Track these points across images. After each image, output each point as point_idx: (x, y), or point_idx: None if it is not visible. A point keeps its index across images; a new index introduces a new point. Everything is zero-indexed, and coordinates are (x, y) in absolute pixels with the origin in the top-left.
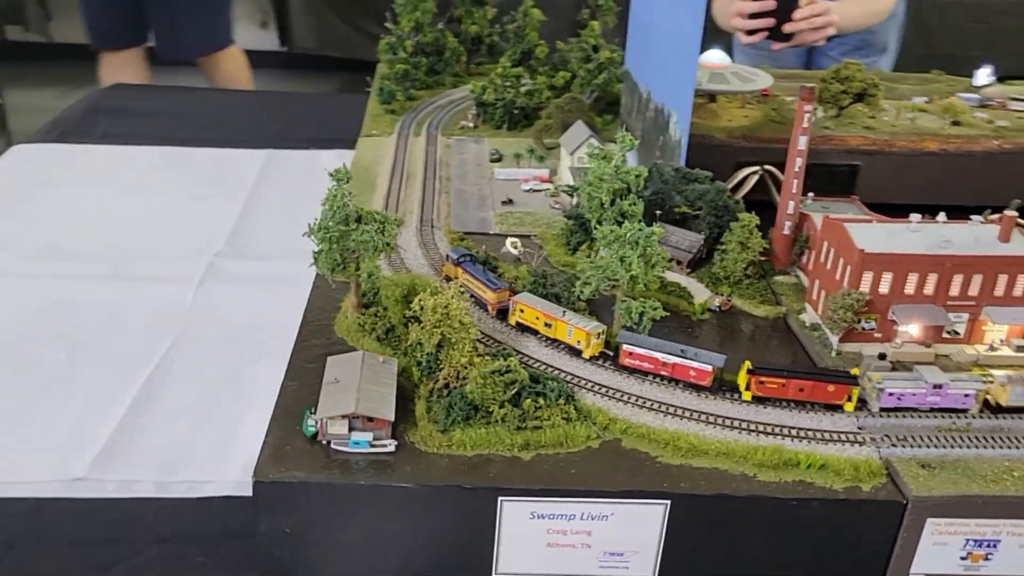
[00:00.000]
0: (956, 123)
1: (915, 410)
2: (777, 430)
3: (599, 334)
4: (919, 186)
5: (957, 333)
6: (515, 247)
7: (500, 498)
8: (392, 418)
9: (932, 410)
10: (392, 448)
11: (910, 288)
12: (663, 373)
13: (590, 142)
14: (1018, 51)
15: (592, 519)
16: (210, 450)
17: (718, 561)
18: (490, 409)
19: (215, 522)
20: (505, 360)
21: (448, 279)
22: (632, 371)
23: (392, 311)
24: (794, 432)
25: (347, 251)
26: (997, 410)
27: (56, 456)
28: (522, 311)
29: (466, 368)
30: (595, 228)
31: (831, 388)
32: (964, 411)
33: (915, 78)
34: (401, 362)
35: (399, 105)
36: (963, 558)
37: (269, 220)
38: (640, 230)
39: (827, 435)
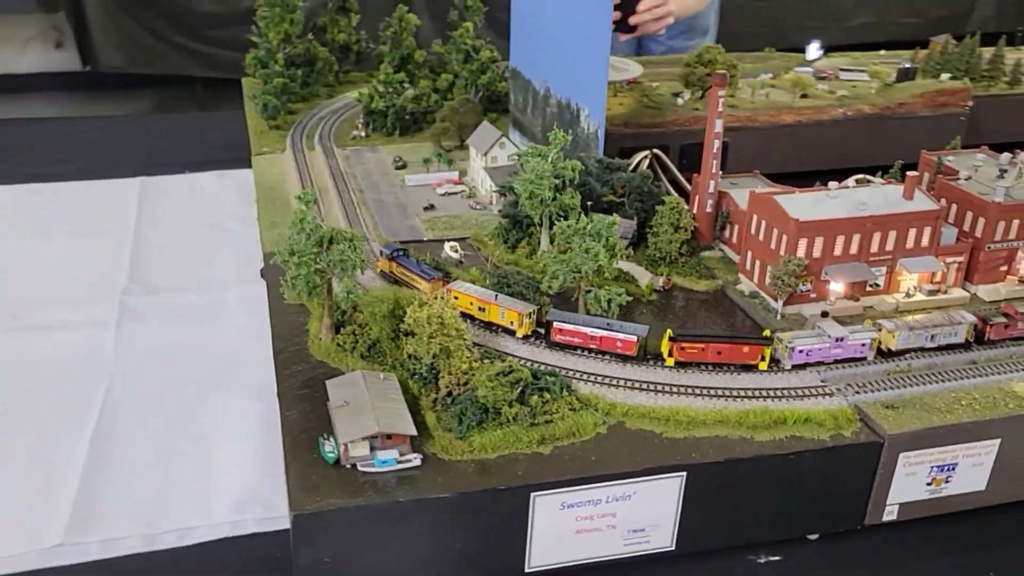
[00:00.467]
0: (804, 96)
1: (821, 363)
2: (755, 393)
3: (530, 314)
4: (781, 156)
5: (878, 285)
6: (455, 251)
7: (532, 494)
8: (414, 432)
9: (836, 361)
10: (418, 462)
11: (838, 250)
12: (592, 346)
13: (502, 141)
14: (800, 26)
15: (617, 500)
16: (189, 494)
17: (728, 523)
18: (500, 409)
19: (216, 568)
20: (503, 361)
21: (383, 273)
22: (563, 346)
23: (376, 327)
24: (769, 393)
25: (318, 273)
26: (889, 355)
27: (24, 526)
28: (457, 298)
29: (467, 374)
30: (538, 225)
31: (746, 349)
32: (863, 359)
33: (751, 56)
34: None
35: (282, 120)
36: (928, 484)
37: (165, 250)
38: (603, 221)
39: (799, 391)
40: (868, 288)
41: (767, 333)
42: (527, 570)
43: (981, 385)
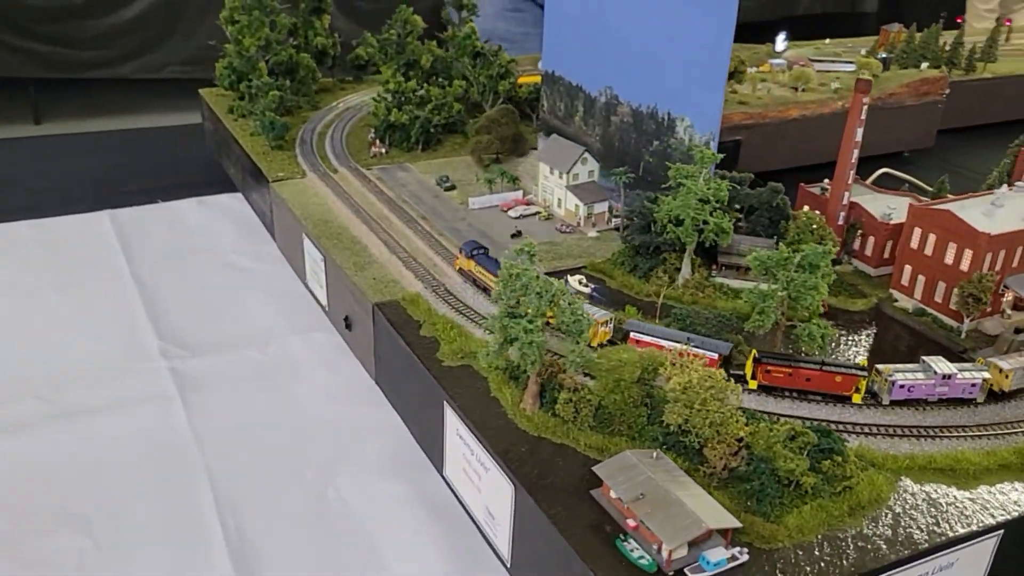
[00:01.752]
0: (804, 89)
1: (925, 401)
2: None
3: (606, 322)
4: (787, 151)
5: None
6: (583, 284)
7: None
8: (739, 524)
9: (940, 401)
10: (747, 557)
11: (1014, 262)
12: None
13: (584, 157)
14: None
15: (940, 571)
16: None
17: None
18: (800, 481)
19: None
20: (777, 422)
21: (461, 271)
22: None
23: (607, 393)
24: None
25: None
26: (1000, 396)
27: None
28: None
29: (740, 442)
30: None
31: (839, 379)
32: (972, 400)
33: None
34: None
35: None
36: None
37: (182, 298)
38: (816, 251)
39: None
40: None
41: (863, 363)
42: None
43: None
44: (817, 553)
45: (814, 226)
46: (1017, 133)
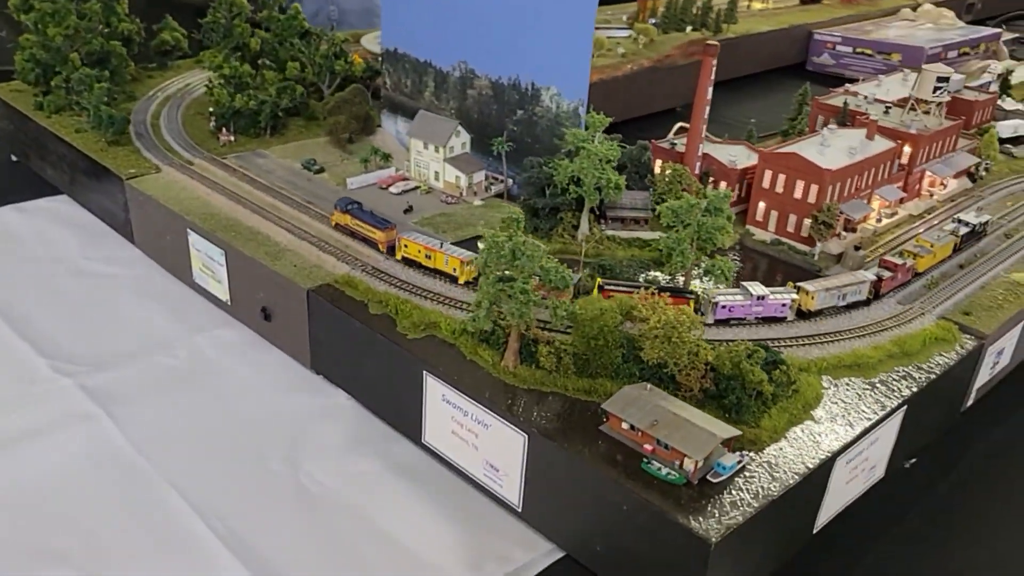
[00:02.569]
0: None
1: (742, 320)
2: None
3: (471, 261)
4: (633, 102)
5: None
6: None
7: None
8: (739, 432)
9: (757, 319)
10: (749, 458)
11: (846, 191)
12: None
13: (457, 130)
14: None
15: (871, 445)
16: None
17: None
18: (761, 390)
19: None
20: (733, 343)
21: (337, 226)
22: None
23: (590, 339)
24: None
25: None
26: (808, 315)
27: None
28: (406, 246)
29: (706, 366)
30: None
31: (671, 301)
32: (783, 319)
33: None
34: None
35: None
36: (991, 368)
37: (48, 311)
38: (718, 195)
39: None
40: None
41: (694, 286)
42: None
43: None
44: (793, 446)
45: (681, 177)
46: (756, 85)
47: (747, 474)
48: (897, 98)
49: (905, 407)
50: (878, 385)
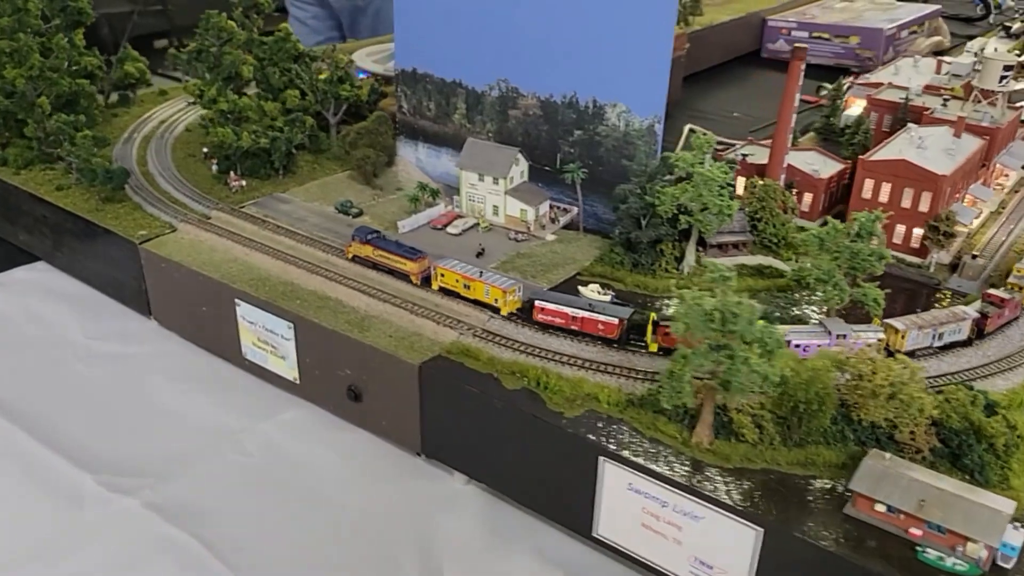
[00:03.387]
0: None
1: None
2: None
3: (514, 291)
4: None
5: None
6: (600, 292)
7: None
8: (1015, 502)
9: None
10: None
11: (951, 196)
12: (573, 327)
13: (516, 158)
14: None
15: None
16: None
17: None
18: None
19: None
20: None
21: (356, 258)
22: (544, 326)
23: (807, 402)
24: None
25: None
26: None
27: None
28: (443, 275)
29: (929, 420)
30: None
31: None
32: None
33: None
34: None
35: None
36: None
37: (66, 410)
38: (867, 217)
39: None
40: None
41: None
42: None
43: None
44: None
45: (773, 192)
46: (720, 76)
47: None
48: (923, 84)
49: None
50: None
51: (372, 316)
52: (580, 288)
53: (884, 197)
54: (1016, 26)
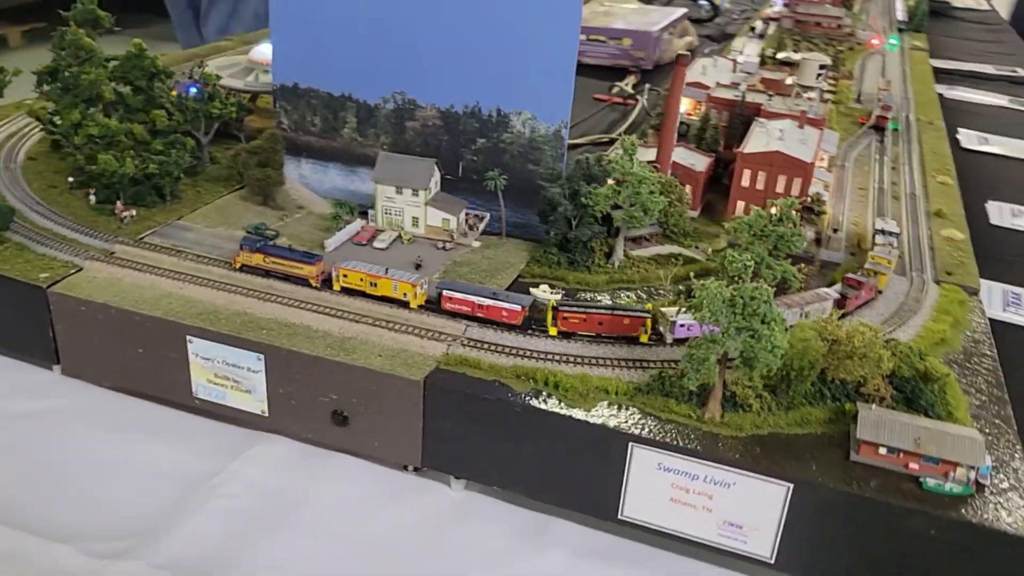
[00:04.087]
0: None
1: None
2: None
3: (423, 284)
4: None
5: None
6: (550, 291)
7: None
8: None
9: None
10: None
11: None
12: (479, 315)
13: (432, 167)
14: None
15: None
16: None
17: None
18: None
19: None
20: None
21: (245, 268)
22: (452, 314)
23: (798, 372)
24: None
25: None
26: None
27: None
28: (346, 276)
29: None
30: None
31: (627, 321)
32: None
33: None
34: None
35: None
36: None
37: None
38: (786, 203)
39: None
40: None
41: (649, 306)
42: None
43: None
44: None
45: (672, 187)
46: None
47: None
48: (728, 81)
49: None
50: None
51: (350, 337)
52: (531, 289)
53: (760, 185)
54: (759, 26)
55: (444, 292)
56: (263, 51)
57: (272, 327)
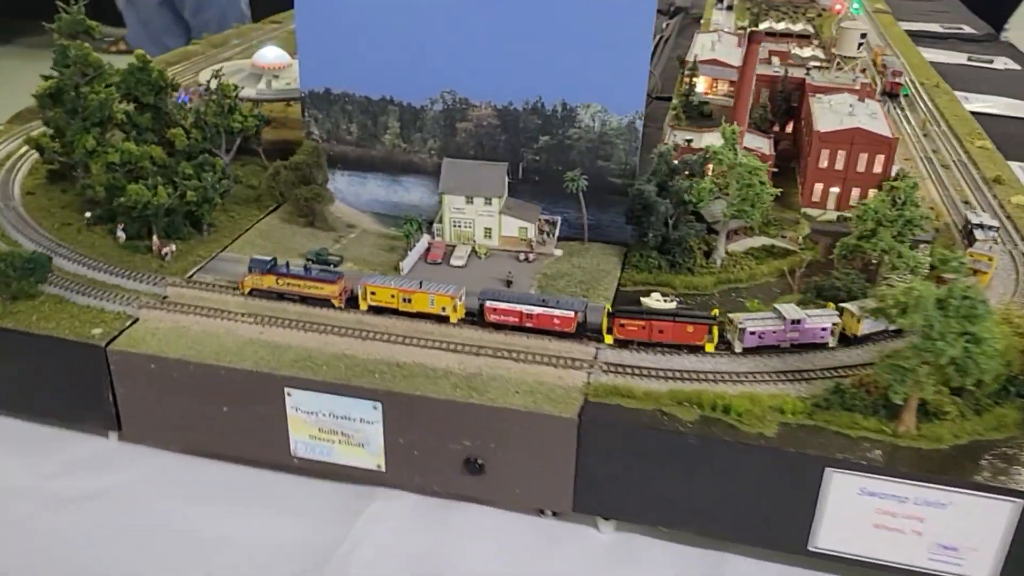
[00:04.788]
0: None
1: (776, 348)
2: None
3: (461, 296)
4: None
5: None
6: (664, 300)
7: None
8: None
9: (793, 346)
10: None
11: None
12: (528, 324)
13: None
14: None
15: None
16: None
17: None
18: None
19: None
20: None
21: (255, 292)
22: (497, 326)
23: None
24: None
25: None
26: (852, 341)
27: None
28: (374, 293)
29: None
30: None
31: (690, 329)
32: (824, 344)
33: None
34: None
35: None
36: None
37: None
38: (908, 185)
39: None
40: None
41: (715, 312)
42: None
43: None
44: None
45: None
46: None
47: None
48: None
49: None
50: None
51: (474, 373)
52: (643, 299)
53: (839, 165)
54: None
55: (487, 303)
56: (268, 55)
57: (382, 369)
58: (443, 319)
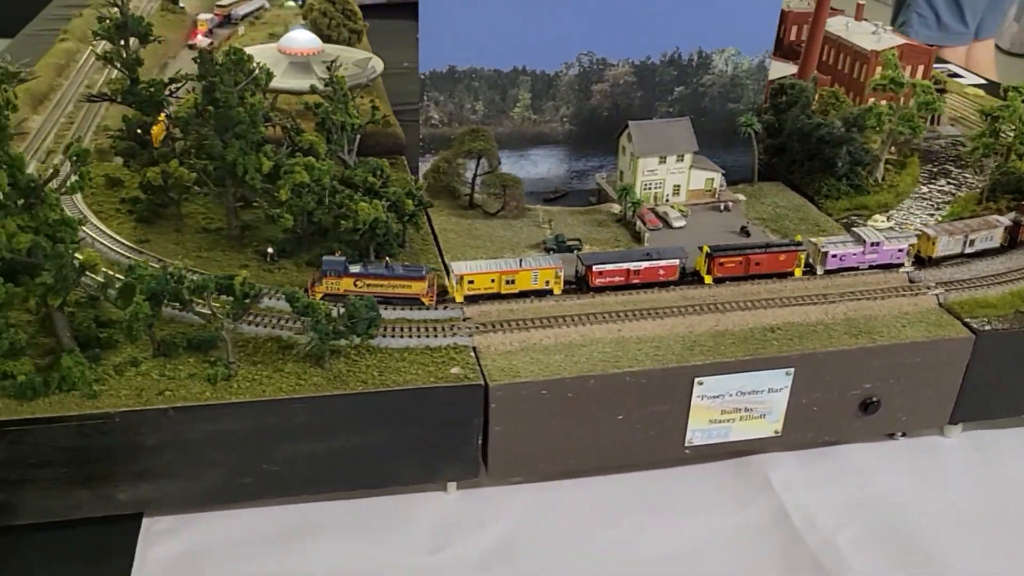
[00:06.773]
0: None
1: (856, 269)
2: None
3: (562, 266)
4: None
5: None
6: (885, 221)
7: None
8: None
9: (871, 267)
10: None
11: None
12: (635, 281)
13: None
14: None
15: None
16: None
17: None
18: None
19: None
20: None
21: (329, 295)
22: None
23: None
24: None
25: None
26: (928, 262)
27: None
28: (472, 281)
29: None
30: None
31: (782, 258)
32: (899, 265)
33: None
34: None
35: None
36: None
37: None
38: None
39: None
40: None
41: (798, 238)
42: None
43: None
44: None
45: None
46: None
47: None
48: None
49: None
50: None
51: (851, 318)
52: (868, 222)
53: None
54: None
55: (593, 267)
56: (299, 39)
57: (771, 338)
58: (547, 292)
